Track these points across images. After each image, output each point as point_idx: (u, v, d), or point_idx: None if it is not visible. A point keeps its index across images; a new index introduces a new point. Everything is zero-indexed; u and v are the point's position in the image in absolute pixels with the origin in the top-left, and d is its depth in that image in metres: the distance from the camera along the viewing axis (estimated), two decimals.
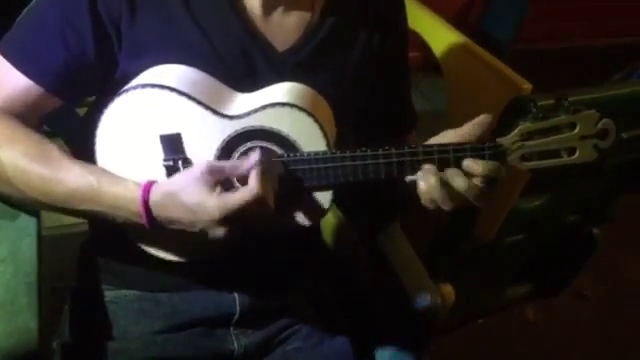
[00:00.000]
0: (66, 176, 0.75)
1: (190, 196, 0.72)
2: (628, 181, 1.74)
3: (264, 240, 0.82)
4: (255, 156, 0.74)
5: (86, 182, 0.75)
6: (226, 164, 0.75)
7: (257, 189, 0.71)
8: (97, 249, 0.96)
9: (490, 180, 0.75)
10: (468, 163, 0.75)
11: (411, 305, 1.03)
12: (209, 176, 0.72)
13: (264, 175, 0.72)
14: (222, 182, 0.73)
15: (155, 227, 0.75)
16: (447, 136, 0.79)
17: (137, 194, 0.74)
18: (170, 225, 0.75)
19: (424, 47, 1.49)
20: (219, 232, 0.73)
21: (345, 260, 1.21)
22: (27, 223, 0.86)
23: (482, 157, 0.76)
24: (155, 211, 0.74)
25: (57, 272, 0.98)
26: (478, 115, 1.18)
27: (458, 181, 0.75)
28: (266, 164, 0.74)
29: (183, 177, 0.74)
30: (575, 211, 1.76)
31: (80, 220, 0.93)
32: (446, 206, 0.77)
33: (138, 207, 0.73)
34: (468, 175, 0.75)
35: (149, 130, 0.77)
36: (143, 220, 0.74)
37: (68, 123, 0.99)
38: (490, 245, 1.52)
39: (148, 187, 0.74)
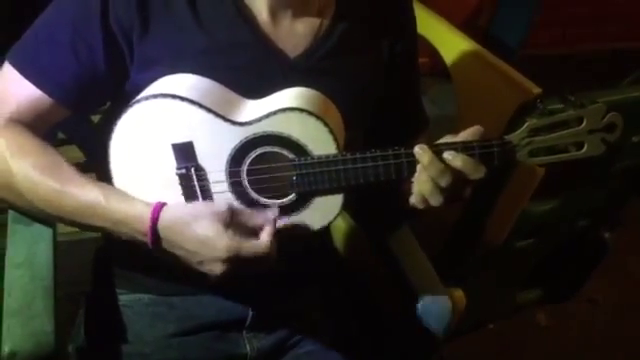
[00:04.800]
0: (74, 190, 0.76)
1: (203, 228, 0.73)
2: (639, 185, 1.73)
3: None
4: (274, 213, 0.76)
5: (94, 197, 0.76)
6: (245, 210, 0.77)
7: (267, 246, 0.73)
8: (111, 254, 0.97)
9: (465, 177, 0.76)
10: (447, 156, 0.76)
11: (422, 310, 1.03)
12: (227, 215, 0.74)
13: (275, 234, 0.75)
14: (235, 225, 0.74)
15: (156, 248, 0.76)
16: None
17: (146, 213, 0.75)
18: (172, 249, 0.76)
19: (433, 53, 1.49)
20: (217, 269, 0.74)
21: (356, 265, 1.21)
22: (42, 228, 0.87)
23: (491, 154, 0.77)
24: (162, 232, 0.75)
25: (72, 277, 0.99)
26: (488, 120, 1.19)
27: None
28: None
29: (200, 207, 0.76)
30: (586, 215, 1.76)
31: None
32: (434, 201, 0.78)
33: (145, 226, 0.74)
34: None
35: (161, 139, 0.78)
36: (147, 239, 0.75)
37: (82, 130, 1.00)
38: (501, 249, 1.52)
39: (159, 208, 0.75)
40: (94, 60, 0.79)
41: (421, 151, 0.76)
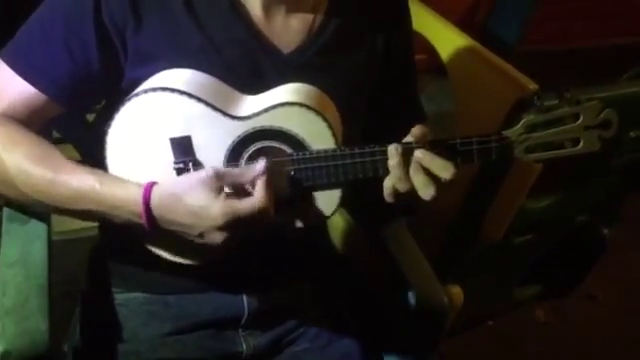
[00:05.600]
0: (68, 177, 0.76)
1: (195, 199, 0.72)
2: (638, 180, 1.73)
3: (271, 241, 0.82)
4: (262, 164, 0.74)
5: (88, 183, 0.76)
6: (233, 170, 0.76)
7: (262, 200, 0.72)
8: (107, 253, 0.97)
9: (434, 176, 0.75)
10: (419, 154, 0.75)
11: (420, 307, 1.03)
12: (215, 180, 0.72)
13: (269, 185, 0.73)
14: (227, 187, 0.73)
15: (154, 228, 0.75)
16: None
17: (139, 194, 0.74)
18: (169, 226, 0.75)
19: (430, 49, 1.49)
20: (218, 237, 0.73)
21: (353, 261, 1.21)
22: (37, 227, 0.87)
23: (489, 149, 0.76)
24: (156, 211, 0.74)
25: (67, 276, 0.99)
26: (485, 116, 1.18)
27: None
28: (272, 168, 0.75)
29: (188, 179, 0.74)
30: (585, 211, 1.76)
31: (90, 224, 0.94)
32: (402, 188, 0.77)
33: (139, 207, 0.74)
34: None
35: (159, 133, 0.78)
36: (143, 220, 0.74)
37: (77, 129, 1.00)
38: (499, 246, 1.52)
39: (149, 187, 0.74)
40: (88, 56, 0.79)
41: (394, 151, 0.76)
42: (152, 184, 0.75)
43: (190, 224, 0.73)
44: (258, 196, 0.72)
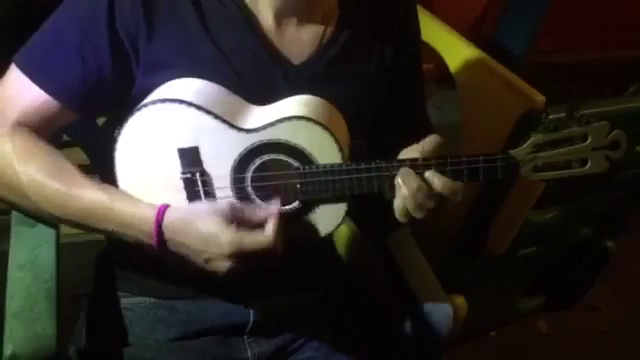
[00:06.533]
0: (80, 192, 0.77)
1: (206, 225, 0.74)
2: None
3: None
4: (276, 206, 0.77)
5: (99, 199, 0.77)
6: (247, 206, 0.78)
7: (271, 239, 0.74)
8: (114, 257, 0.98)
9: (442, 197, 0.76)
10: (429, 175, 0.76)
11: (424, 316, 1.03)
12: (229, 212, 0.75)
13: (280, 226, 0.75)
14: (239, 222, 0.75)
15: (163, 249, 0.76)
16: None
17: (151, 214, 0.76)
18: (177, 249, 0.77)
19: (437, 59, 1.50)
20: (223, 265, 0.75)
21: (358, 271, 1.21)
22: (46, 230, 0.87)
23: (494, 168, 0.77)
24: (167, 233, 0.76)
25: (75, 279, 0.99)
26: (492, 127, 1.19)
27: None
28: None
29: (203, 206, 0.77)
30: (589, 224, 1.75)
31: None
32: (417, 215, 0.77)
33: (150, 227, 0.75)
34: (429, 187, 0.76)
35: (167, 143, 0.78)
36: (153, 241, 0.76)
37: (87, 133, 1.00)
38: (503, 258, 1.52)
39: (163, 209, 0.76)
40: (100, 63, 0.79)
41: (405, 176, 0.76)
42: (166, 206, 0.77)
43: (198, 249, 0.75)
44: (267, 233, 0.74)
